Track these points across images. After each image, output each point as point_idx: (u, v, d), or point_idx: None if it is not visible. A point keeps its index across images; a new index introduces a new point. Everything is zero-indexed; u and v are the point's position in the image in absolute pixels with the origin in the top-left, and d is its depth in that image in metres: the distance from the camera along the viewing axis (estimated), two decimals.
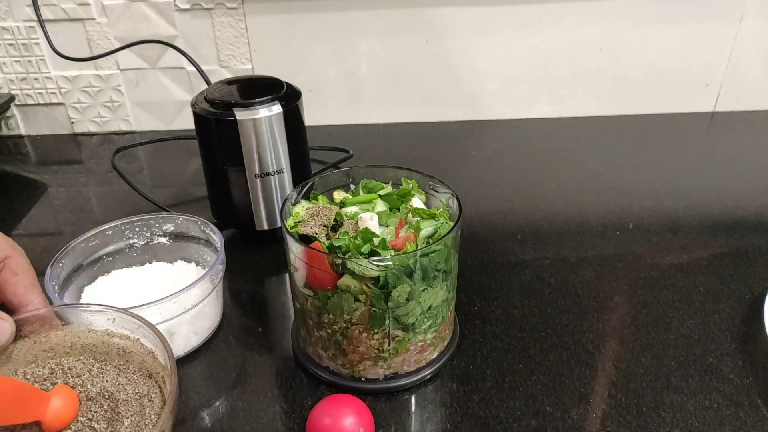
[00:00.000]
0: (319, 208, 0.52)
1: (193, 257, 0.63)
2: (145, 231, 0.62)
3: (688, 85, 0.98)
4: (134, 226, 0.62)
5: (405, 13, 0.91)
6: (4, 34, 0.91)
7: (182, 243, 0.63)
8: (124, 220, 0.61)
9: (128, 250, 0.62)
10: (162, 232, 0.63)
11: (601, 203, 0.78)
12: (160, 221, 0.62)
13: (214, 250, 0.60)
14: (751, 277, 0.64)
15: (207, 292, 0.54)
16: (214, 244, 0.59)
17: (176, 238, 0.63)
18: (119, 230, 0.61)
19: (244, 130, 0.63)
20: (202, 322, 0.56)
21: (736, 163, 0.87)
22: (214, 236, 0.59)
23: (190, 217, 0.61)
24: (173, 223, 0.62)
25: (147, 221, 0.62)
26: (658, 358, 0.54)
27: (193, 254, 0.63)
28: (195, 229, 0.62)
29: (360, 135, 0.98)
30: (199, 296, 0.53)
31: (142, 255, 0.62)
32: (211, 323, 0.57)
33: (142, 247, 0.62)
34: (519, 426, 0.48)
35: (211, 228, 0.60)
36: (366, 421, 0.45)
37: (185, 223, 0.62)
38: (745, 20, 0.92)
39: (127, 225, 0.61)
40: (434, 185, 0.54)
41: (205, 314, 0.56)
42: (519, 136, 0.97)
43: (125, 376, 0.43)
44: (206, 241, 0.61)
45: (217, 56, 0.94)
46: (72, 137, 1.00)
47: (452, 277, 0.50)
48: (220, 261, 0.55)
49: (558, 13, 0.91)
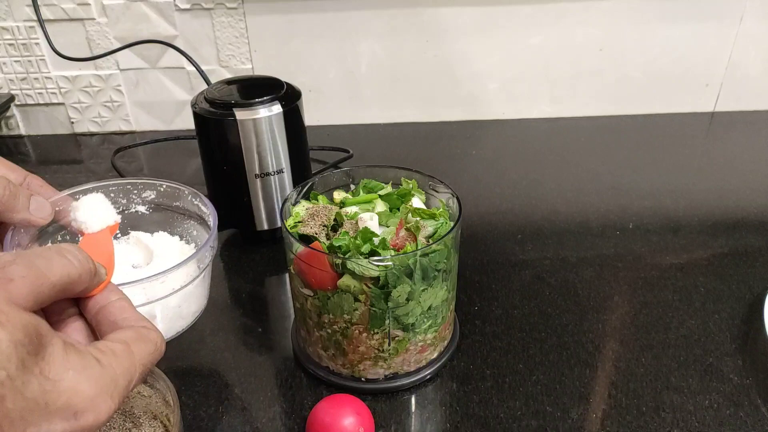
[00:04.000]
0: (319, 208, 0.52)
1: (177, 230, 0.56)
2: (121, 198, 0.54)
3: (688, 85, 0.98)
4: (109, 191, 0.53)
5: (405, 13, 0.91)
6: (4, 34, 0.91)
7: (164, 214, 0.55)
8: (99, 183, 0.53)
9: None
10: (141, 200, 0.55)
11: (601, 203, 0.78)
12: (140, 187, 0.54)
13: (203, 224, 0.54)
14: (751, 277, 0.64)
15: (196, 273, 0.48)
16: (203, 218, 0.53)
17: (158, 208, 0.55)
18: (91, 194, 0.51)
19: (244, 130, 0.63)
20: (188, 305, 0.50)
21: (736, 163, 0.87)
22: (205, 209, 0.52)
23: (176, 185, 0.54)
24: (155, 190, 0.54)
25: (124, 186, 0.54)
26: (658, 358, 0.54)
27: (177, 227, 0.56)
28: (182, 199, 0.54)
29: (360, 135, 0.98)
30: (189, 276, 0.47)
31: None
32: (197, 307, 0.52)
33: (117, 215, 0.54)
34: (519, 426, 0.48)
35: (201, 200, 0.53)
36: (366, 421, 0.45)
37: (170, 191, 0.54)
38: (745, 20, 0.92)
39: (101, 188, 0.52)
40: (434, 185, 0.54)
41: (192, 296, 0.50)
42: (519, 136, 0.97)
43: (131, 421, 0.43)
44: (194, 214, 0.54)
45: (217, 56, 0.94)
46: (72, 137, 1.00)
47: (452, 277, 0.50)
48: (213, 238, 0.49)
49: (558, 13, 0.91)
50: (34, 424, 0.24)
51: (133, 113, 0.99)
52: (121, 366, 0.28)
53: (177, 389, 0.43)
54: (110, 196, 0.53)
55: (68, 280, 0.29)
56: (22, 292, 0.26)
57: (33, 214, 0.43)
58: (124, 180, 0.54)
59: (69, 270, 0.29)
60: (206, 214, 0.53)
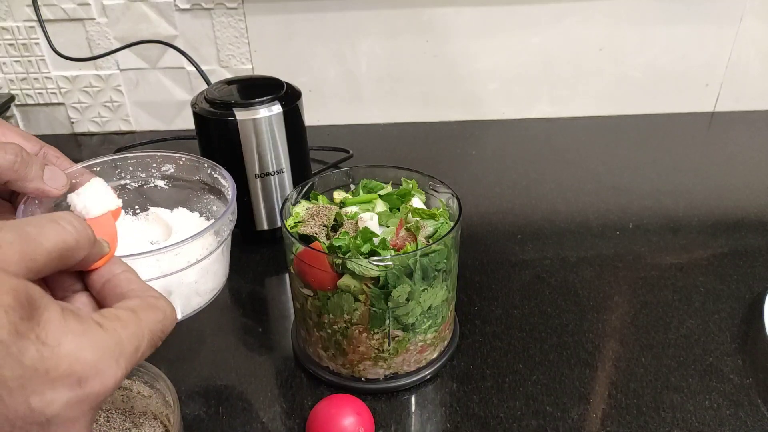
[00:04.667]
0: (319, 208, 0.52)
1: (196, 206, 0.55)
2: (140, 171, 0.53)
3: (688, 85, 0.98)
4: (127, 164, 0.52)
5: (405, 13, 0.91)
6: (4, 34, 0.91)
7: (183, 189, 0.54)
8: (117, 155, 0.52)
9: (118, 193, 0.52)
10: (160, 174, 0.54)
11: (601, 203, 0.78)
12: (158, 161, 0.53)
13: (222, 200, 0.52)
14: (751, 277, 0.64)
15: (214, 246, 0.46)
16: (223, 192, 0.52)
17: (177, 182, 0.54)
18: (110, 167, 0.52)
19: (244, 130, 0.63)
20: (205, 281, 0.48)
21: (736, 163, 0.87)
22: (224, 181, 0.51)
23: (196, 158, 0.53)
24: (174, 164, 0.53)
25: (142, 160, 0.53)
26: (658, 358, 0.54)
27: (196, 203, 0.55)
28: (201, 172, 0.53)
29: (360, 135, 0.98)
30: (206, 249, 0.45)
31: (136, 199, 0.54)
32: (215, 284, 0.49)
33: (136, 190, 0.54)
34: (519, 426, 0.48)
35: (220, 172, 0.51)
36: (366, 421, 0.45)
37: (189, 164, 0.53)
38: (745, 20, 0.92)
39: (119, 162, 0.52)
40: (434, 185, 0.54)
41: (210, 272, 0.48)
42: (519, 136, 0.97)
43: (131, 421, 0.43)
44: (212, 188, 0.53)
45: (217, 56, 0.94)
46: (72, 137, 1.00)
47: (452, 277, 0.50)
48: (231, 210, 0.47)
49: (558, 13, 0.91)
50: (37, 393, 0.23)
51: (133, 113, 0.99)
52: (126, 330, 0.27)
53: (177, 389, 0.43)
54: (128, 170, 0.53)
55: (64, 246, 0.27)
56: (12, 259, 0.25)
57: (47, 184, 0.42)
58: (143, 153, 0.53)
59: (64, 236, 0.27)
60: (225, 188, 0.51)
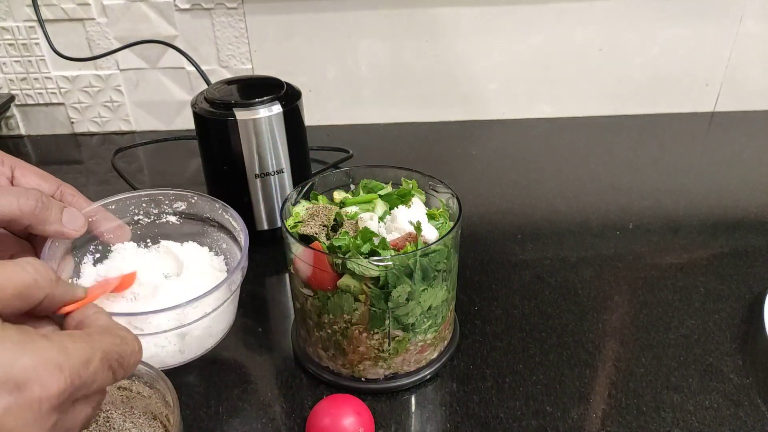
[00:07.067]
0: (319, 208, 0.52)
1: (206, 242, 0.57)
2: (153, 207, 0.56)
3: (688, 85, 0.98)
4: (141, 201, 0.56)
5: (405, 13, 0.91)
6: (4, 34, 0.91)
7: (195, 224, 0.57)
8: (131, 193, 0.55)
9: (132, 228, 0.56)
10: (172, 210, 0.57)
11: (601, 203, 0.78)
12: (171, 198, 0.56)
13: (232, 238, 0.54)
14: (751, 277, 0.64)
15: (227, 295, 0.49)
16: (233, 233, 0.54)
17: (188, 219, 0.57)
18: (124, 205, 0.55)
19: (244, 130, 0.63)
20: (218, 323, 0.51)
21: (736, 163, 0.87)
22: (235, 224, 0.53)
23: (208, 198, 0.55)
24: (185, 201, 0.56)
25: (155, 197, 0.56)
26: (658, 358, 0.54)
27: (206, 238, 0.57)
28: (213, 212, 0.56)
29: (360, 135, 0.98)
30: (220, 300, 0.48)
31: (148, 232, 0.57)
32: (227, 324, 0.52)
33: (148, 224, 0.57)
34: (519, 426, 0.48)
35: (231, 214, 0.54)
36: (366, 421, 0.45)
37: (201, 203, 0.56)
38: (745, 20, 0.92)
39: (133, 199, 0.55)
40: (434, 185, 0.54)
41: (222, 314, 0.51)
42: (519, 136, 0.97)
43: (131, 421, 0.43)
44: (221, 226, 0.56)
45: (217, 56, 0.94)
46: (72, 137, 1.00)
47: (452, 277, 0.50)
48: (244, 258, 0.49)
49: (558, 13, 0.91)
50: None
51: (133, 113, 0.99)
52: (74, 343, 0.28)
53: (177, 389, 0.43)
54: (141, 206, 0.57)
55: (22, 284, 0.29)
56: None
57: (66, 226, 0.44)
58: (156, 191, 0.56)
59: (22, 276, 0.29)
60: (236, 230, 0.54)
